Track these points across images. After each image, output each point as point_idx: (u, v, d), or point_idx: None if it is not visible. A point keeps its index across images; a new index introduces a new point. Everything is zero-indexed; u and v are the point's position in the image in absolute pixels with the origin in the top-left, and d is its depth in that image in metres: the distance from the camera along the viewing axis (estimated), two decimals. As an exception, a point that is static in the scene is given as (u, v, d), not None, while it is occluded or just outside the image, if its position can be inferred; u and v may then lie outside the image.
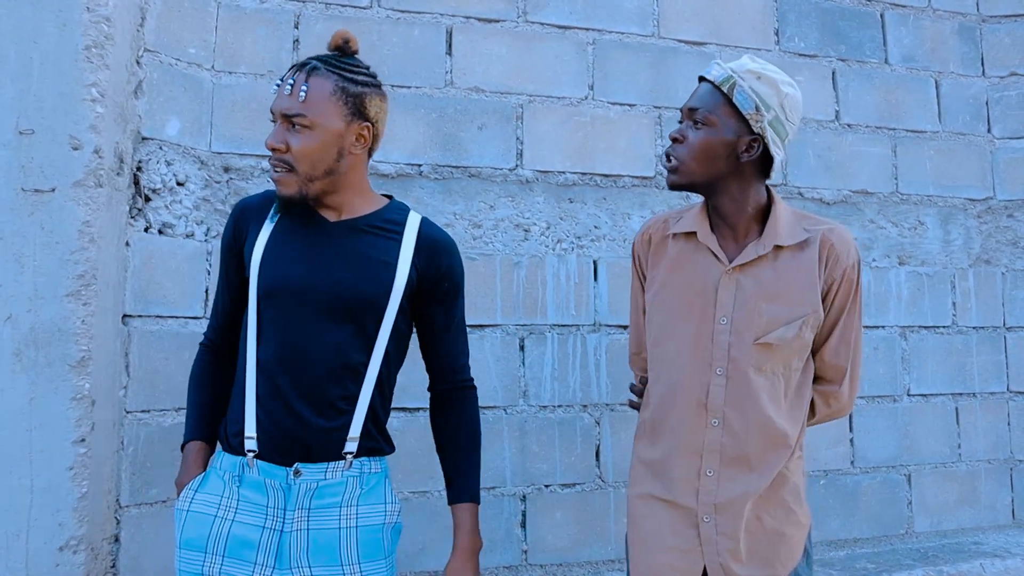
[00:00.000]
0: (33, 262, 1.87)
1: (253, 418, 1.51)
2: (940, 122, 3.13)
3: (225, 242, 1.64)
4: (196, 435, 1.61)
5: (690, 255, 1.72)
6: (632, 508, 1.75)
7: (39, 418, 1.85)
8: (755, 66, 1.63)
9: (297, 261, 1.53)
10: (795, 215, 1.72)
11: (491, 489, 2.45)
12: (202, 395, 1.64)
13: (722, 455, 1.64)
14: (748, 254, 1.65)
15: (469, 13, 2.59)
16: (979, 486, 3.02)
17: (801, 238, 1.66)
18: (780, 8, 2.96)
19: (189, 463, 1.58)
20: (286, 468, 1.49)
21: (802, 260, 1.66)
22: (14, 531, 1.82)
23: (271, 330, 1.52)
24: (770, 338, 1.62)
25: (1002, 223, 3.15)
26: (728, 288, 1.66)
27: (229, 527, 1.48)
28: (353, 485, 1.53)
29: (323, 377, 1.50)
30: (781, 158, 1.66)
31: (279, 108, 1.50)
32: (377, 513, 1.56)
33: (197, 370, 1.67)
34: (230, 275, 1.64)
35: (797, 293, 1.64)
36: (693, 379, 1.66)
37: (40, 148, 1.89)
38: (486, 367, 2.48)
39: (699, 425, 1.65)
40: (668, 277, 1.74)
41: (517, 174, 2.59)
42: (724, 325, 1.65)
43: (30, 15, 1.90)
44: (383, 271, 1.55)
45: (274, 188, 1.54)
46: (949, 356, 3.03)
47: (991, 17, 3.24)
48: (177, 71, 2.28)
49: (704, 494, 1.64)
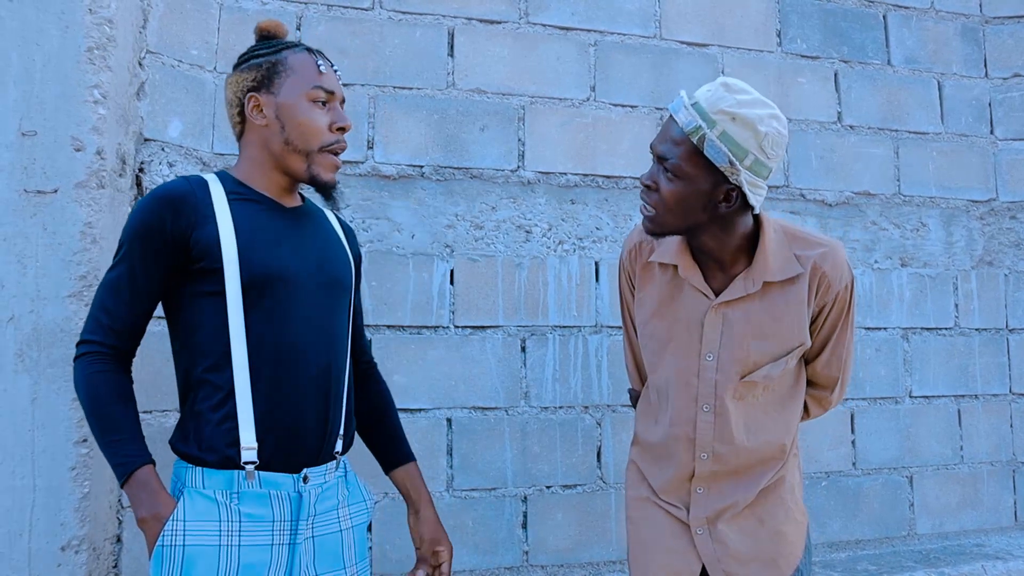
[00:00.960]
0: (35, 263, 1.88)
1: (251, 425, 1.37)
2: (943, 123, 3.12)
3: (151, 233, 1.39)
4: (145, 456, 1.37)
5: (675, 285, 1.65)
6: (630, 510, 1.76)
7: (41, 418, 1.86)
8: (729, 104, 1.43)
9: (277, 245, 1.45)
10: (786, 239, 1.60)
11: (492, 490, 2.45)
12: (130, 409, 1.40)
13: (712, 476, 1.63)
14: (736, 291, 1.57)
15: (471, 14, 2.60)
16: (981, 488, 3.01)
17: (792, 272, 1.56)
18: (782, 9, 2.95)
19: (155, 490, 1.34)
20: (294, 476, 1.40)
21: (792, 294, 1.57)
22: (16, 530, 1.82)
23: (267, 321, 1.40)
24: (755, 377, 1.59)
25: (1005, 225, 3.14)
26: (714, 324, 1.59)
27: (238, 554, 1.34)
28: (341, 485, 1.52)
29: (325, 364, 1.45)
30: (762, 199, 1.52)
31: (342, 92, 1.54)
32: (362, 511, 1.56)
33: (107, 381, 1.39)
34: (149, 270, 1.40)
35: (786, 329, 1.58)
36: (680, 413, 1.63)
37: (42, 149, 1.90)
38: (487, 368, 2.48)
39: (688, 458, 1.63)
40: (656, 305, 1.68)
41: (519, 175, 2.59)
42: (710, 362, 1.59)
43: (33, 17, 1.91)
44: (342, 249, 1.59)
45: (184, 176, 1.47)
46: (951, 358, 3.02)
47: (994, 18, 3.23)
48: (179, 72, 2.28)
49: (696, 508, 1.64)
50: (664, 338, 1.66)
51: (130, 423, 1.38)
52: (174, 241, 1.40)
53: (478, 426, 2.46)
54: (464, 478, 2.43)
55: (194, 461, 1.38)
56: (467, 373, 2.47)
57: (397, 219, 2.47)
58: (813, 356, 1.67)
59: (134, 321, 1.43)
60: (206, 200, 1.43)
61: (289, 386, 1.40)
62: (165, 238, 1.39)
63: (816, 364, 1.68)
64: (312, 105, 1.47)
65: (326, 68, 1.50)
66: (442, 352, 2.44)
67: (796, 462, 1.72)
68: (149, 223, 1.40)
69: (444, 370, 2.45)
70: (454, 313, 2.47)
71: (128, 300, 1.41)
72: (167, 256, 1.40)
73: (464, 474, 2.43)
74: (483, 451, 2.46)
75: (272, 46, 1.52)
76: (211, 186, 1.45)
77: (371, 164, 2.46)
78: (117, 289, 1.41)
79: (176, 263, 1.41)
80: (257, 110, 1.48)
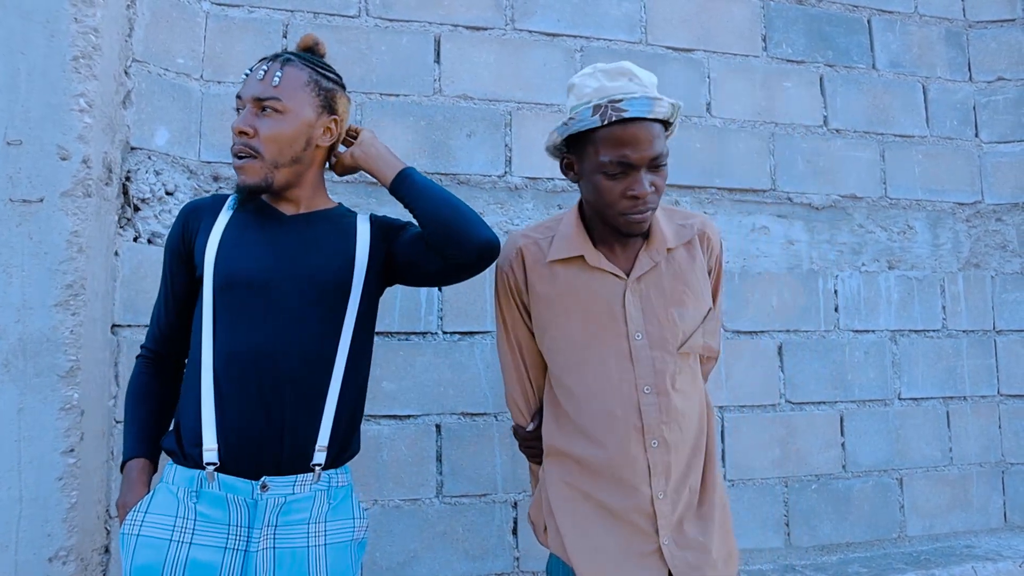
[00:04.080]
0: (21, 272, 1.87)
1: (212, 427, 1.40)
2: (928, 127, 3.14)
3: (172, 245, 1.56)
4: (138, 451, 1.49)
5: (581, 276, 1.63)
6: (563, 502, 1.63)
7: (28, 428, 1.85)
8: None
9: (255, 251, 1.48)
10: (665, 212, 1.69)
11: (482, 496, 2.45)
12: (142, 409, 1.52)
13: (668, 474, 1.57)
14: (644, 263, 1.60)
15: (457, 21, 2.60)
16: (971, 489, 3.02)
17: (687, 237, 1.65)
18: (767, 14, 2.97)
19: (133, 481, 1.46)
20: (252, 482, 1.40)
21: (691, 258, 1.64)
22: (3, 542, 1.81)
23: (233, 325, 1.43)
24: (691, 345, 1.61)
25: (991, 227, 3.16)
26: (634, 302, 1.59)
27: (187, 551, 1.36)
28: (321, 500, 1.46)
29: (295, 371, 1.43)
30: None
31: (250, 93, 1.49)
32: (345, 530, 1.50)
33: (136, 383, 1.56)
34: (176, 279, 1.55)
35: (698, 292, 1.63)
36: (622, 403, 1.58)
37: (28, 158, 1.89)
38: (477, 374, 2.48)
39: (638, 450, 1.56)
40: (564, 304, 1.64)
41: (506, 181, 2.59)
42: (641, 340, 1.58)
43: (18, 26, 1.91)
44: (343, 251, 1.55)
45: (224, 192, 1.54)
46: (939, 360, 3.04)
47: (977, 22, 3.26)
48: (165, 81, 2.28)
49: (662, 517, 1.56)
50: (581, 334, 1.62)
51: (140, 420, 1.51)
52: (186, 251, 1.54)
53: (468, 432, 2.46)
54: (454, 484, 2.43)
55: (173, 457, 1.46)
56: (456, 379, 2.47)
57: (385, 226, 2.47)
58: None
59: (171, 327, 1.56)
60: (215, 211, 1.56)
61: (244, 392, 1.41)
62: (180, 248, 1.55)
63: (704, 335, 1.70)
64: (236, 113, 1.53)
65: (249, 76, 1.52)
66: (431, 358, 2.44)
67: (714, 453, 1.69)
68: (171, 236, 1.57)
69: (433, 376, 2.45)
70: (442, 319, 2.47)
71: (164, 309, 1.57)
72: (184, 265, 1.54)
73: (454, 480, 2.43)
74: (473, 457, 2.45)
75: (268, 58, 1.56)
76: (229, 200, 1.57)
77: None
78: (159, 300, 1.59)
79: (190, 271, 1.54)
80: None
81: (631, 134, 1.48)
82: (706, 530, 1.60)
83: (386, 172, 1.57)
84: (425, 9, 2.58)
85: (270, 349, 1.42)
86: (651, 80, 1.57)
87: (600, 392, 1.60)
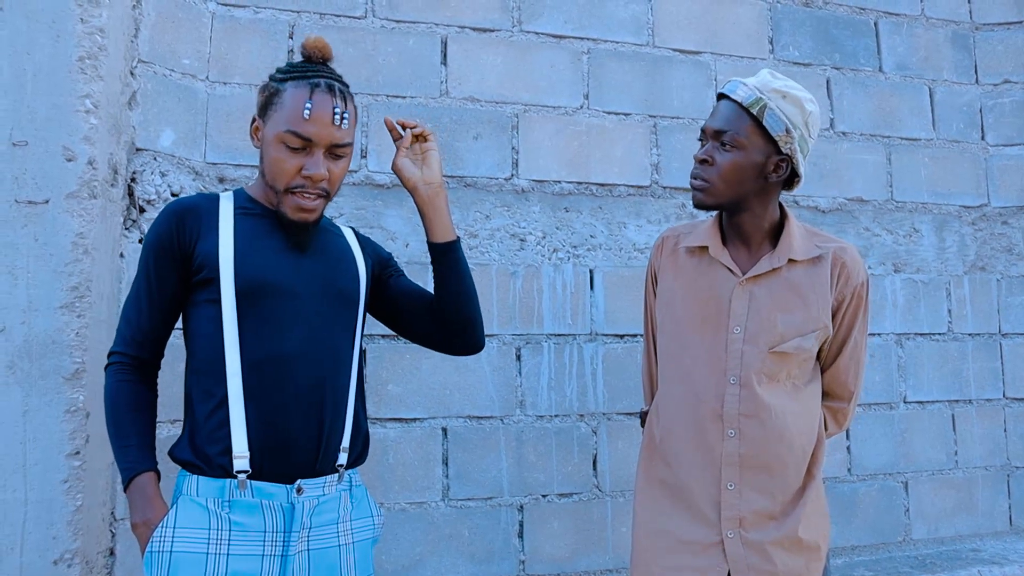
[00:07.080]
0: (27, 274, 1.86)
1: (243, 433, 1.38)
2: (934, 129, 3.13)
3: (162, 245, 1.45)
4: (147, 464, 1.40)
5: (702, 268, 1.73)
6: (644, 483, 1.74)
7: (33, 431, 1.84)
8: (779, 84, 1.62)
9: (276, 258, 1.47)
10: (807, 231, 1.74)
11: (488, 499, 2.44)
12: (139, 419, 1.44)
13: (741, 466, 1.62)
14: (763, 266, 1.67)
15: (464, 23, 2.60)
16: (976, 493, 3.01)
17: (814, 254, 1.68)
18: (774, 17, 2.96)
19: (150, 496, 1.37)
20: (286, 486, 1.40)
21: (815, 275, 1.67)
22: (8, 545, 1.80)
23: (261, 331, 1.41)
24: (786, 347, 1.64)
25: (997, 230, 3.15)
26: (741, 299, 1.67)
27: (226, 563, 1.34)
28: (345, 500, 1.49)
29: (329, 374, 1.45)
30: (805, 171, 1.69)
31: (331, 139, 1.42)
32: (367, 527, 1.54)
33: (123, 391, 1.44)
34: (165, 281, 1.46)
35: (811, 306, 1.66)
36: (708, 390, 1.66)
37: (34, 160, 1.88)
38: (483, 377, 2.47)
39: (716, 437, 1.64)
40: (679, 289, 1.75)
41: (513, 184, 2.58)
42: (737, 334, 1.65)
43: (24, 27, 1.90)
44: (352, 263, 1.58)
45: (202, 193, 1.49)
46: (945, 363, 3.03)
47: (984, 25, 3.25)
48: (171, 82, 2.27)
49: (727, 508, 1.62)
50: (687, 321, 1.71)
51: (138, 431, 1.42)
52: (181, 252, 1.45)
53: (473, 435, 2.45)
54: (460, 487, 2.42)
55: (191, 468, 1.40)
56: (462, 382, 2.46)
57: (391, 228, 2.46)
58: (832, 359, 1.72)
59: (154, 331, 1.48)
60: (212, 213, 1.48)
61: (282, 396, 1.40)
62: (173, 249, 1.45)
63: (835, 370, 1.72)
64: (281, 146, 1.43)
65: (317, 112, 1.41)
66: (437, 361, 2.43)
67: (819, 480, 1.70)
68: (159, 235, 1.46)
69: (439, 379, 2.44)
70: (449, 322, 2.46)
71: (147, 311, 1.47)
72: (176, 267, 1.45)
73: (460, 483, 2.42)
74: (479, 460, 2.45)
75: (288, 71, 1.48)
76: (222, 202, 1.51)
77: (365, 173, 2.45)
78: (137, 301, 1.47)
79: (183, 274, 1.46)
80: (256, 133, 1.51)
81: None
82: (782, 543, 1.61)
83: (445, 230, 1.60)
84: (432, 10, 2.57)
85: (298, 353, 1.43)
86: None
87: (689, 376, 1.69)
